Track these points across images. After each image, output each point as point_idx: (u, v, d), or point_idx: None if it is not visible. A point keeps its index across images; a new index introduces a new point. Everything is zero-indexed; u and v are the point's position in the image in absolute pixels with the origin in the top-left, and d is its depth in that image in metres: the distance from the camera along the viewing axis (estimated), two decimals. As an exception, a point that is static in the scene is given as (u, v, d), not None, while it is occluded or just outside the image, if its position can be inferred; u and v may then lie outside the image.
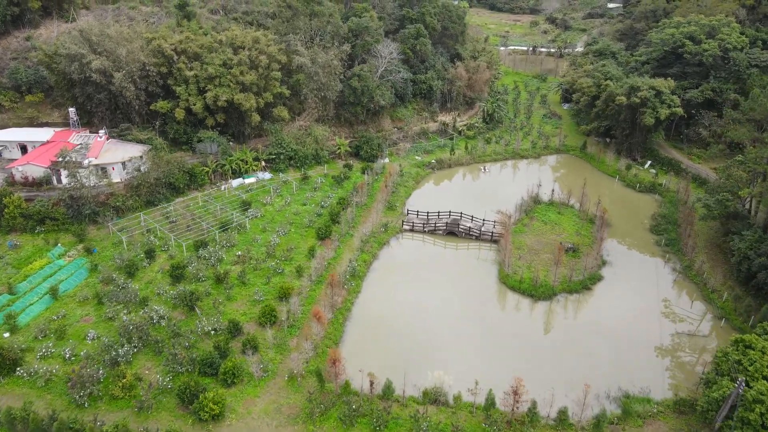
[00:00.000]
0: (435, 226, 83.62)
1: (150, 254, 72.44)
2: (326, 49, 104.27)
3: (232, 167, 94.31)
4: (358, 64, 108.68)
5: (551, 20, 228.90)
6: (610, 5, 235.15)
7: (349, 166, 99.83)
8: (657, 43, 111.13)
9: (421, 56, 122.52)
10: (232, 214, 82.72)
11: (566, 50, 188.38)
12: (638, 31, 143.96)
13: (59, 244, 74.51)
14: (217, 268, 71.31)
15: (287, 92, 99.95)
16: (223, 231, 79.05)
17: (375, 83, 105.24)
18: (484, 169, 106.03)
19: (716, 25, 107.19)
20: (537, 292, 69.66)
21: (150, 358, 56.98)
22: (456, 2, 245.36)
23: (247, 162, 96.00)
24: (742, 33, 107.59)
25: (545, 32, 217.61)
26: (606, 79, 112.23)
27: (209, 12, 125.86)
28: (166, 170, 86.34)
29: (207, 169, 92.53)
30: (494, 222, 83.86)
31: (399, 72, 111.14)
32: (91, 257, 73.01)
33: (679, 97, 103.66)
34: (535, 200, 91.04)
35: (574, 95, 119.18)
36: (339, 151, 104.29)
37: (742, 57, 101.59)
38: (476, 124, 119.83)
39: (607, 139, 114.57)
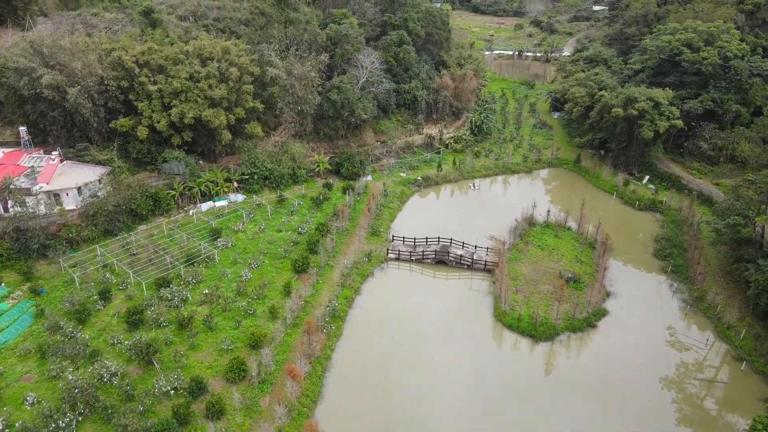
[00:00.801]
0: (423, 255, 76.69)
1: (105, 295, 64.50)
2: (303, 59, 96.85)
3: (201, 190, 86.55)
4: (338, 75, 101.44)
5: (536, 23, 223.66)
6: (596, 8, 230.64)
7: (328, 186, 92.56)
8: (652, 50, 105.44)
9: (405, 64, 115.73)
10: (200, 245, 75.02)
11: (553, 54, 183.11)
12: (629, 36, 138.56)
13: (2, 284, 66.26)
14: (180, 309, 63.62)
15: (261, 107, 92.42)
16: (190, 265, 71.35)
17: (356, 95, 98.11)
18: (474, 186, 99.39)
19: (715, 32, 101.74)
20: (537, 331, 63.01)
21: (98, 428, 49.23)
22: (438, 5, 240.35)
23: (217, 183, 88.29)
24: (741, 40, 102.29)
25: (530, 35, 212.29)
26: (600, 89, 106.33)
27: (178, 19, 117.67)
28: (126, 195, 78.37)
29: (173, 192, 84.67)
30: (487, 249, 77.19)
31: (382, 83, 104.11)
32: (38, 299, 64.87)
33: (677, 107, 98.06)
34: (530, 222, 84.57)
35: (566, 105, 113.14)
36: (318, 169, 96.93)
37: (743, 66, 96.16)
38: (464, 137, 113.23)
39: (601, 152, 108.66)
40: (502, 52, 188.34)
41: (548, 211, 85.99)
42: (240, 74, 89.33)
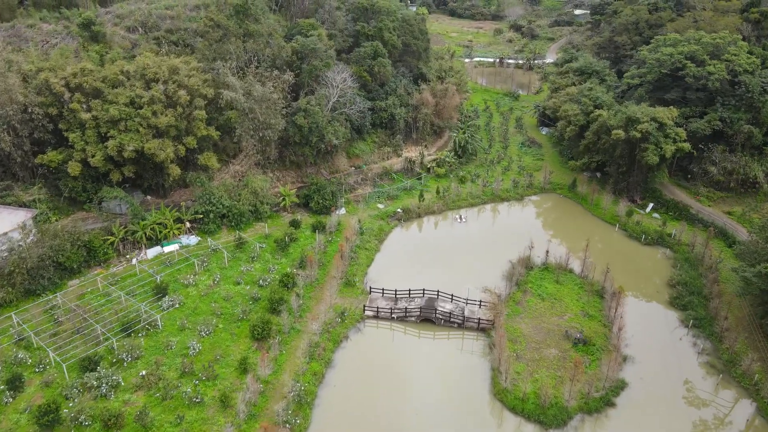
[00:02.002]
0: (406, 312, 65.50)
1: (15, 383, 52.06)
2: (264, 78, 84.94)
3: (146, 233, 74.28)
4: (305, 95, 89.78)
5: (516, 28, 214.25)
6: (577, 12, 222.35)
7: (295, 224, 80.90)
8: (652, 63, 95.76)
9: (380, 79, 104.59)
10: (141, 308, 62.82)
11: (535, 61, 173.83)
12: (620, 45, 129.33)
13: None
14: (110, 399, 51.57)
15: (216, 134, 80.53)
16: (126, 336, 59.20)
17: (326, 119, 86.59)
18: (460, 219, 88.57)
19: (721, 44, 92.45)
20: (546, 416, 52.27)
21: None
22: (414, 9, 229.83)
23: (166, 225, 76.08)
24: (750, 52, 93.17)
25: (510, 41, 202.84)
26: (595, 106, 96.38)
27: (126, 30, 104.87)
28: (53, 245, 65.88)
29: (112, 239, 72.28)
30: (480, 302, 66.41)
31: (355, 102, 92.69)
32: (-70, 390, 52.31)
33: (682, 127, 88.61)
34: (527, 265, 74.03)
35: (558, 124, 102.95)
36: (283, 203, 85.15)
37: (755, 82, 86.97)
38: (447, 159, 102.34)
39: (598, 174, 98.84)
40: (482, 59, 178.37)
41: (547, 251, 75.47)
42: (191, 97, 77.40)
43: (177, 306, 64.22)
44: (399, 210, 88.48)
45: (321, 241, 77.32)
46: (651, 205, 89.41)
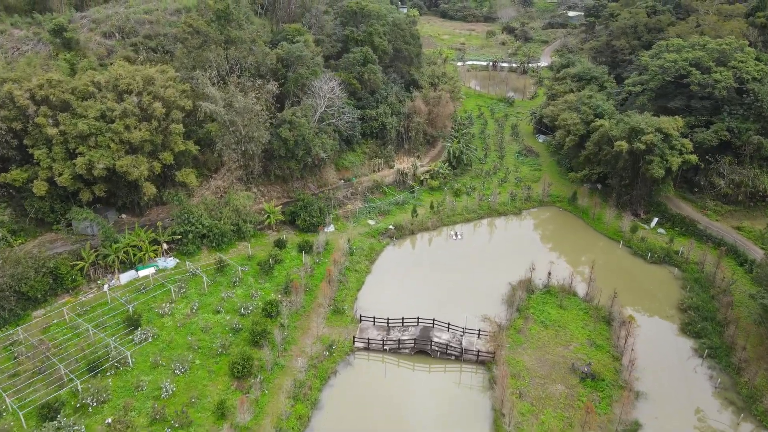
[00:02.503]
0: (399, 344, 60.59)
1: (-35, 435, 46.93)
2: (246, 88, 79.83)
3: (119, 257, 68.99)
4: (291, 105, 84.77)
5: (509, 30, 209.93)
6: (571, 14, 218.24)
7: (281, 244, 75.89)
8: (655, 70, 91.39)
9: (371, 86, 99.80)
10: (110, 343, 57.56)
11: (530, 65, 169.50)
12: (618, 49, 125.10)
13: None
14: (71, 452, 46.43)
15: (195, 149, 75.39)
16: (93, 376, 53.97)
17: (312, 131, 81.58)
18: (456, 235, 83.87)
19: (727, 50, 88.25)
20: (555, 465, 47.70)
21: None
22: (404, 11, 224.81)
23: (141, 248, 70.81)
24: (758, 59, 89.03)
25: (503, 44, 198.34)
26: (596, 115, 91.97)
27: (102, 36, 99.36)
28: (14, 273, 60.53)
29: (81, 264, 66.94)
30: (479, 332, 61.66)
31: (344, 113, 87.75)
32: None
33: (687, 137, 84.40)
34: (528, 287, 69.38)
35: (557, 133, 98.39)
36: (268, 221, 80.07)
37: (764, 90, 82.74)
38: (441, 170, 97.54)
39: (599, 185, 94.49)
40: (475, 62, 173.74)
41: (549, 273, 70.86)
42: (167, 110, 72.22)
43: (150, 339, 59.00)
44: (391, 227, 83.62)
45: (308, 264, 72.35)
46: (656, 219, 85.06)
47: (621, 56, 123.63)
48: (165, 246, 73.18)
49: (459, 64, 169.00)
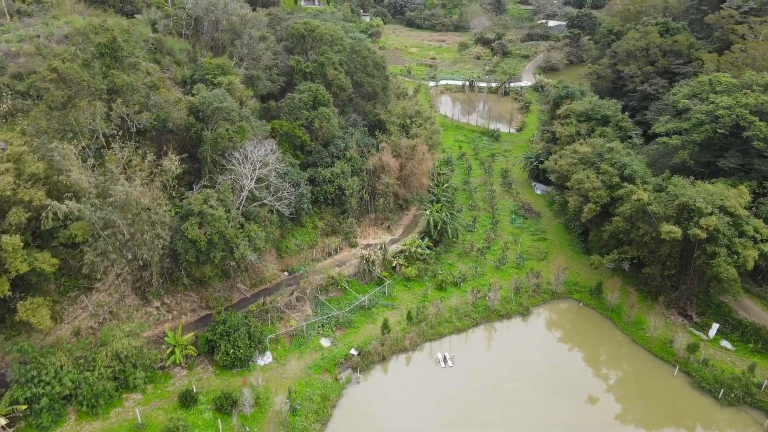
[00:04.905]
0: None
1: None
2: (134, 167, 54.04)
3: None
4: (206, 180, 59.36)
5: (483, 42, 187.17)
6: (551, 24, 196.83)
7: (188, 399, 50.48)
8: (700, 117, 68.92)
9: (323, 137, 75.39)
10: None
11: (511, 84, 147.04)
12: (625, 76, 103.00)
13: None
14: None
15: (50, 266, 49.19)
16: None
17: (235, 223, 56.21)
18: (444, 361, 59.66)
19: (799, 92, 66.46)
20: None
21: None
22: (368, 19, 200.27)
23: (-45, 434, 44.58)
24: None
25: (479, 57, 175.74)
26: (622, 178, 69.13)
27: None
28: None
29: None
30: None
31: (284, 188, 62.68)
32: None
33: (750, 211, 62.33)
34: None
35: (568, 198, 74.78)
36: (173, 358, 54.47)
37: None
38: (419, 250, 73.18)
39: (626, 267, 71.81)
40: (449, 82, 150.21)
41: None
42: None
43: None
44: (353, 352, 58.91)
45: (229, 438, 47.30)
46: (716, 326, 62.33)
47: (629, 86, 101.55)
48: (3, 422, 46.99)
49: (431, 84, 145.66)
